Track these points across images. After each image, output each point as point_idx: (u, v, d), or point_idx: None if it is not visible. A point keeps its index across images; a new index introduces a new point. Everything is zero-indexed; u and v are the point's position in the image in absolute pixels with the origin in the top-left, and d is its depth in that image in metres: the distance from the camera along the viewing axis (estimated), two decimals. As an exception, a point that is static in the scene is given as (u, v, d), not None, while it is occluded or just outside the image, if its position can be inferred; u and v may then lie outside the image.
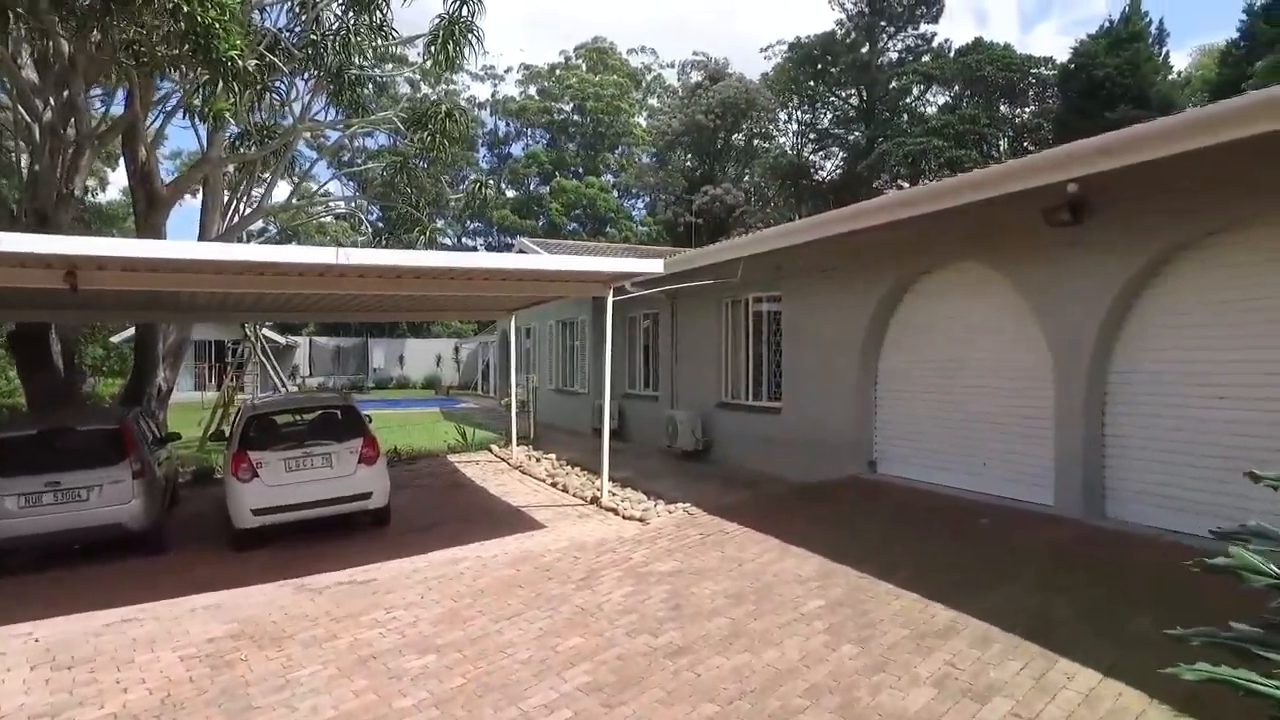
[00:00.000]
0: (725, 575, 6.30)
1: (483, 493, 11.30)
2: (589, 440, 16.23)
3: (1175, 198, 6.14)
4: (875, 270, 9.29)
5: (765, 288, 11.50)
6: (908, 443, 9.20)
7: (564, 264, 8.33)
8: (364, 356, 42.21)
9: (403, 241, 13.80)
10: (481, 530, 8.90)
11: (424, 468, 13.69)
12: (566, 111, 54.91)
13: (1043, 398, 7.40)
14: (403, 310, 13.18)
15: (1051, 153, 5.84)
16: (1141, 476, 6.68)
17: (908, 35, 42.49)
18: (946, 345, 8.68)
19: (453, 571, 7.14)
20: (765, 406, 11.59)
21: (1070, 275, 6.94)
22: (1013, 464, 7.81)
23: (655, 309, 14.90)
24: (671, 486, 10.54)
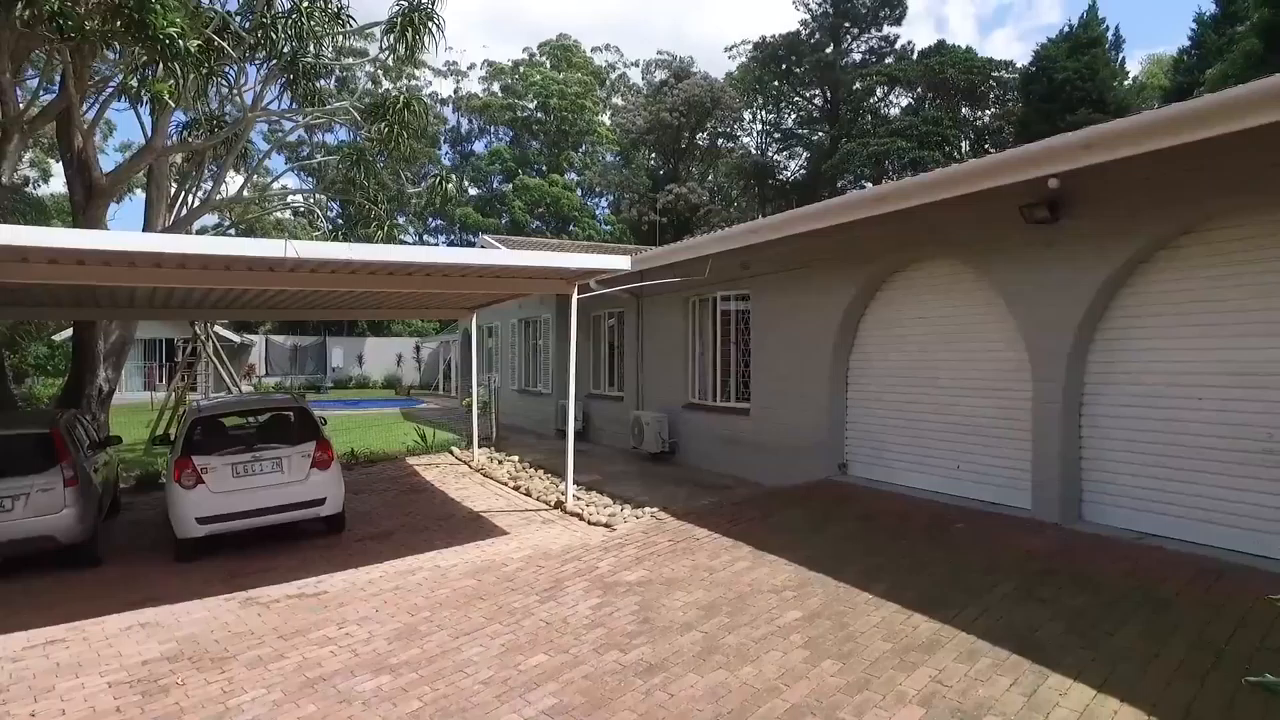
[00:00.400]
0: (697, 585, 6.03)
1: (442, 497, 10.92)
2: (553, 442, 15.90)
3: (1153, 195, 6.01)
4: (847, 268, 9.11)
5: (733, 286, 11.28)
6: (880, 445, 9.03)
7: (528, 260, 8.00)
8: (322, 355, 41.29)
9: (359, 237, 13.31)
10: (441, 537, 8.55)
11: (382, 471, 13.25)
12: (530, 109, 54.28)
13: (1019, 399, 7.26)
14: (361, 308, 12.74)
15: (1033, 147, 5.67)
16: (1119, 479, 6.56)
17: (871, 37, 42.74)
18: (920, 345, 8.52)
19: (410, 582, 6.78)
20: (733, 408, 11.37)
21: (1047, 273, 6.80)
22: (987, 467, 7.67)
23: (620, 307, 14.61)
24: (638, 490, 10.26)
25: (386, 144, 11.60)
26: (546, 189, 49.46)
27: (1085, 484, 6.77)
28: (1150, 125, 4.83)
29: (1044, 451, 6.89)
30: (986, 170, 6.09)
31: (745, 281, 10.91)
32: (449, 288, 9.01)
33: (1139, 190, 6.09)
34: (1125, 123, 5.13)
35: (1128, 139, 4.97)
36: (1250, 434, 5.77)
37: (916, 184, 6.76)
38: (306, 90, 11.79)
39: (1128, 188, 6.13)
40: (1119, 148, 4.99)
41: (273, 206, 22.69)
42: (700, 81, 41.35)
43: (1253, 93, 4.31)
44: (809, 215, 8.02)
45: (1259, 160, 5.30)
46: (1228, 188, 5.64)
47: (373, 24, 12.42)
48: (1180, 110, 4.75)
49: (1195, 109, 4.64)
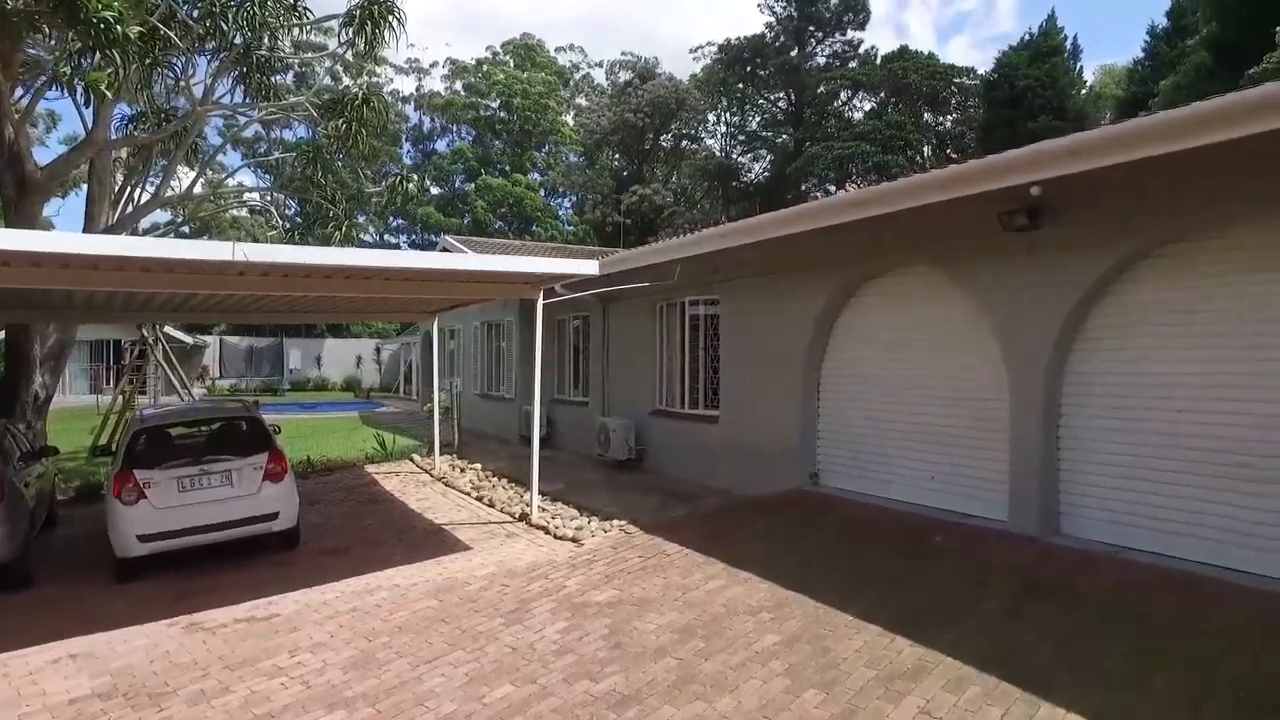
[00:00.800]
0: (669, 606, 5.78)
1: (402, 508, 10.53)
2: (516, 448, 15.54)
3: (1134, 205, 5.91)
4: (819, 273, 8.93)
5: (702, 291, 11.06)
6: (852, 454, 8.86)
7: (491, 264, 7.67)
8: (279, 357, 40.31)
9: (318, 237, 12.84)
10: (401, 552, 8.19)
11: (339, 480, 12.79)
12: (493, 108, 53.72)
13: (996, 409, 7.13)
14: (318, 312, 12.26)
15: (1018, 153, 5.51)
16: (1097, 492, 6.44)
17: (835, 41, 42.90)
18: (894, 352, 8.37)
19: (367, 604, 6.44)
20: (702, 415, 11.15)
21: (1027, 281, 6.67)
22: (963, 477, 7.53)
23: (586, 311, 14.32)
24: (606, 500, 9.98)
25: (344, 141, 11.16)
26: (509, 189, 48.96)
27: (1063, 496, 6.65)
28: (1142, 131, 4.68)
29: (1022, 463, 6.76)
30: (969, 175, 5.92)
31: (715, 286, 10.69)
32: (409, 292, 8.66)
33: (1120, 199, 5.98)
34: (1116, 129, 4.99)
35: (1120, 145, 4.82)
36: (1229, 447, 5.67)
37: (897, 189, 6.58)
38: (261, 84, 11.31)
39: (1109, 196, 6.02)
40: (1110, 154, 4.84)
41: (228, 204, 21.91)
42: (665, 83, 41.17)
43: (1252, 99, 4.17)
44: (784, 219, 7.81)
45: (1242, 170, 5.21)
46: (1209, 198, 5.54)
47: (330, 17, 11.98)
48: (1176, 116, 4.60)
49: (1196, 113, 4.48)
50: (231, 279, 7.07)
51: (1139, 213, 5.91)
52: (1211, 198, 5.52)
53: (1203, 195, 5.55)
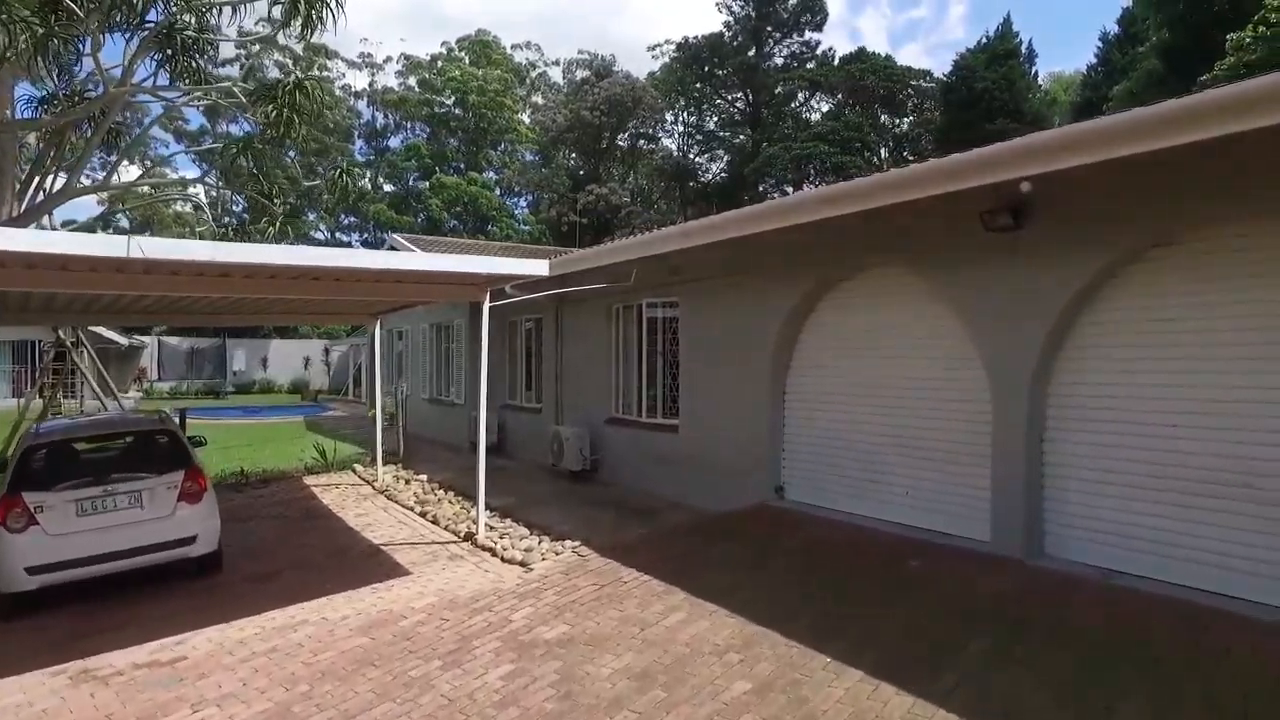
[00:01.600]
0: (627, 645, 5.19)
1: (340, 526, 9.78)
2: (467, 457, 14.79)
3: (1127, 204, 5.49)
4: (786, 274, 8.43)
5: (660, 293, 10.50)
6: (820, 467, 8.38)
7: (432, 264, 7.00)
8: (223, 359, 38.79)
9: (246, 233, 11.99)
10: (333, 578, 7.48)
11: (274, 494, 11.96)
12: (448, 105, 52.67)
13: (977, 421, 6.68)
14: (247, 314, 11.41)
15: (1008, 145, 5.04)
16: (1084, 511, 6.02)
17: (793, 41, 42.79)
18: (865, 360, 7.89)
19: (290, 642, 5.74)
20: (661, 424, 10.58)
21: (1009, 284, 6.23)
22: (940, 494, 7.07)
23: (539, 313, 13.67)
24: (558, 516, 9.36)
25: (277, 129, 10.35)
26: (464, 187, 48.02)
27: (1048, 516, 6.21)
28: (1150, 121, 4.22)
29: (1005, 480, 6.31)
30: (952, 171, 5.43)
31: (674, 288, 10.14)
32: (344, 293, 7.94)
33: (1111, 198, 5.56)
34: (1115, 121, 4.53)
35: (1121, 138, 4.36)
36: (1227, 466, 5.28)
37: (871, 186, 6.08)
38: (186, 67, 10.45)
39: (1100, 195, 5.60)
40: (1113, 146, 4.38)
41: (165, 198, 20.71)
42: (622, 80, 40.62)
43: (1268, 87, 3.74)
44: (750, 217, 7.28)
45: (1245, 167, 4.81)
46: (1206, 197, 5.14)
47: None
48: (1189, 104, 4.15)
49: (1217, 100, 4.04)
50: (135, 278, 6.30)
51: (1132, 212, 5.49)
52: (1211, 196, 5.11)
53: (1200, 193, 5.15)
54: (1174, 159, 4.46)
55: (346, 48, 56.14)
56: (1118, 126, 4.42)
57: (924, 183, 5.64)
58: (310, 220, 57.26)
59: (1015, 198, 5.80)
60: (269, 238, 11.31)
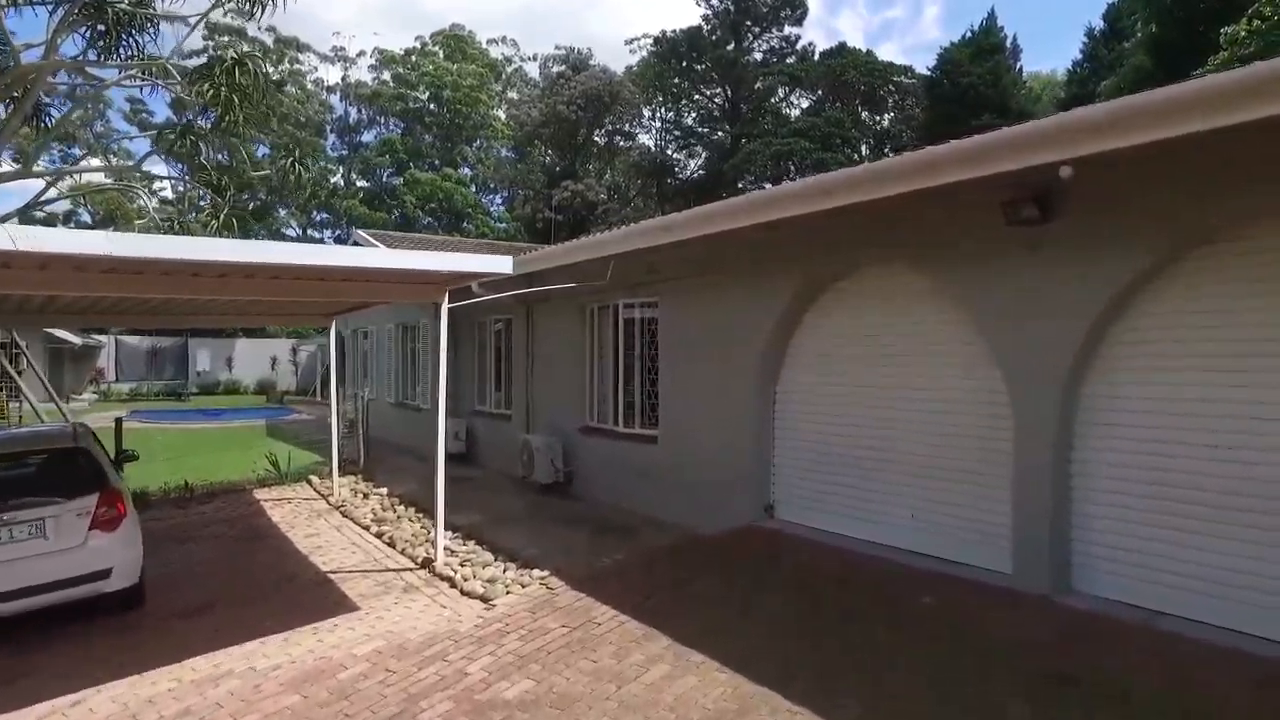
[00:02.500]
0: (601, 709, 4.41)
1: (287, 548, 8.90)
2: (432, 466, 13.94)
3: (1175, 194, 4.78)
4: (777, 273, 7.68)
5: (638, 293, 9.71)
6: (814, 484, 7.64)
7: (383, 262, 6.17)
8: (184, 358, 37.48)
9: (185, 227, 11.05)
10: (272, 613, 6.63)
11: (220, 509, 11.02)
12: (422, 100, 51.62)
13: (994, 438, 5.97)
14: (183, 314, 10.47)
15: (1042, 125, 4.32)
16: (1117, 540, 5.32)
17: (772, 36, 42.14)
18: (865, 367, 7.16)
19: (207, 702, 4.93)
20: (639, 434, 9.80)
21: (1032, 286, 5.51)
22: (950, 518, 6.36)
23: (509, 314, 12.84)
24: (527, 538, 8.55)
25: (219, 111, 9.41)
26: (439, 183, 47.00)
27: (1076, 545, 5.51)
28: (1233, 88, 3.50)
29: (1028, 503, 5.59)
30: (975, 154, 4.70)
31: (653, 287, 9.36)
32: (286, 294, 7.08)
33: (1153, 188, 4.85)
34: (1172, 91, 3.81)
35: (1191, 109, 3.64)
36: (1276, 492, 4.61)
37: (877, 173, 5.35)
38: (116, 43, 9.51)
39: (1140, 184, 4.88)
40: (1180, 120, 3.66)
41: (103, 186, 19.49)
42: (598, 74, 39.74)
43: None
44: (736, 210, 6.54)
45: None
46: (1264, 187, 4.44)
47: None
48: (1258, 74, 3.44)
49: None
50: (26, 274, 5.42)
51: (1177, 203, 4.79)
52: (1269, 186, 4.41)
53: (1258, 182, 4.45)
54: (1233, 142, 3.75)
55: (319, 41, 55.09)
56: (1185, 97, 3.69)
57: (940, 168, 4.92)
58: (281, 217, 56.08)
59: (1043, 187, 5.09)
60: (211, 232, 10.36)
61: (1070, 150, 4.16)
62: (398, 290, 7.56)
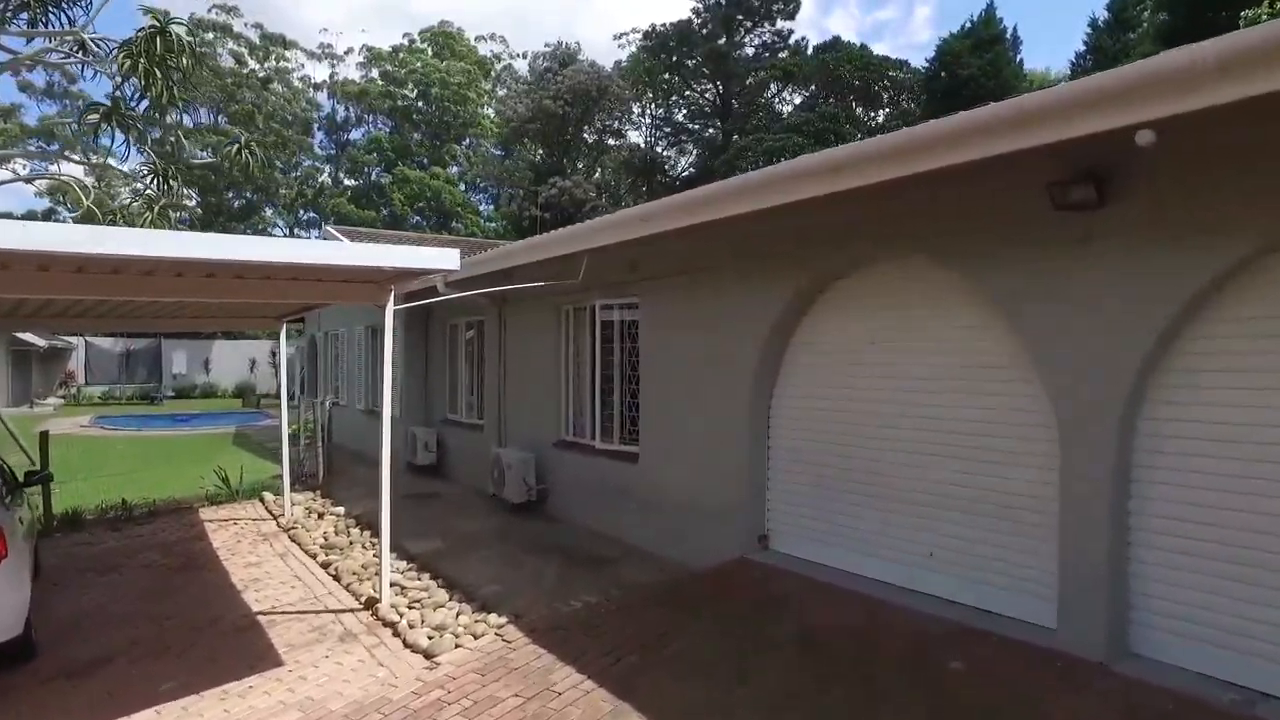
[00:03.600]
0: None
1: (220, 582, 7.87)
2: (401, 479, 12.92)
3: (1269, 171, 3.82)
4: (771, 269, 6.70)
5: (617, 292, 8.72)
6: (814, 512, 6.66)
7: (304, 256, 5.14)
8: (157, 361, 36.30)
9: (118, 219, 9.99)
10: (179, 671, 5.63)
11: (158, 532, 9.97)
12: (410, 98, 50.72)
13: (1034, 464, 5.00)
14: (111, 318, 9.38)
15: (1121, 74, 3.33)
16: (1184, 595, 4.35)
17: (765, 30, 41.21)
18: (875, 379, 6.18)
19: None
20: (618, 450, 8.79)
21: (1084, 285, 4.53)
22: (978, 558, 5.38)
23: (481, 315, 11.83)
24: (489, 571, 7.54)
25: (136, 79, 8.34)
26: (428, 181, 46.07)
27: (1135, 599, 4.54)
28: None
29: (1077, 548, 4.62)
30: (1020, 119, 3.72)
31: (633, 286, 8.37)
32: (197, 294, 6.06)
33: (1262, 157, 3.87)
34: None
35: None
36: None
37: (900, 144, 4.35)
38: (42, 15, 8.48)
39: (1238, 155, 3.91)
40: None
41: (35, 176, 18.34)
42: (586, 68, 38.69)
43: None
44: (727, 194, 5.55)
45: None
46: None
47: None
48: None
49: None
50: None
51: (1273, 184, 3.83)
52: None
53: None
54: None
55: (306, 38, 54.30)
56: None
57: (975, 138, 3.93)
58: (267, 216, 55.01)
59: (1102, 162, 4.13)
60: (146, 224, 9.32)
61: (1160, 106, 3.18)
62: (333, 290, 6.54)
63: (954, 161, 4.01)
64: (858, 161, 4.53)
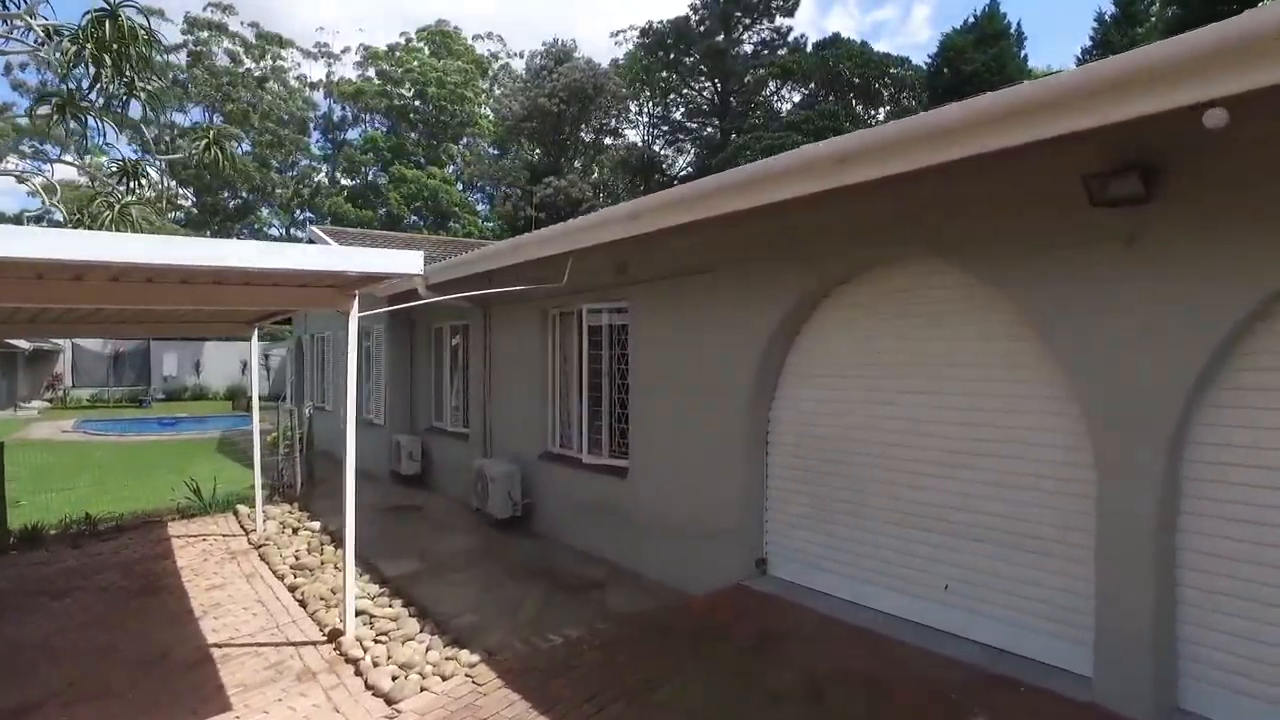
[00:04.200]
0: None
1: (177, 608, 7.32)
2: (384, 490, 12.41)
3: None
4: (772, 270, 6.16)
5: (605, 295, 8.17)
6: (817, 535, 6.12)
7: (253, 260, 4.56)
8: (146, 363, 35.72)
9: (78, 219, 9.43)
10: (116, 717, 5.08)
11: (120, 550, 9.41)
12: (407, 97, 50.27)
13: (1068, 491, 4.46)
14: (33, 323, 8.71)
15: (1197, 39, 2.79)
16: (1241, 645, 3.81)
17: (763, 27, 40.66)
18: (885, 393, 5.63)
19: None
20: (607, 465, 8.24)
21: (1127, 293, 3.99)
22: (1000, 594, 4.84)
23: (466, 319, 11.28)
24: (465, 598, 6.99)
25: (98, 74, 7.79)
26: (425, 180, 45.60)
27: (1184, 647, 3.99)
28: None
29: (1119, 589, 4.07)
30: (1060, 99, 3.18)
31: (623, 290, 7.83)
32: (139, 301, 5.50)
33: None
34: None
35: None
36: None
37: (926, 127, 3.78)
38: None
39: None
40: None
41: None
42: (581, 66, 38.10)
43: None
44: (723, 189, 5.00)
45: None
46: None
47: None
48: None
49: None
50: None
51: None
52: None
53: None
54: None
55: (303, 38, 54.09)
56: None
57: (994, 126, 3.40)
58: (264, 215, 54.55)
59: (1150, 149, 3.59)
60: (104, 224, 8.77)
61: (1241, 78, 2.63)
62: (301, 296, 5.99)
63: (980, 150, 3.47)
64: (870, 150, 3.98)
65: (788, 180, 4.50)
